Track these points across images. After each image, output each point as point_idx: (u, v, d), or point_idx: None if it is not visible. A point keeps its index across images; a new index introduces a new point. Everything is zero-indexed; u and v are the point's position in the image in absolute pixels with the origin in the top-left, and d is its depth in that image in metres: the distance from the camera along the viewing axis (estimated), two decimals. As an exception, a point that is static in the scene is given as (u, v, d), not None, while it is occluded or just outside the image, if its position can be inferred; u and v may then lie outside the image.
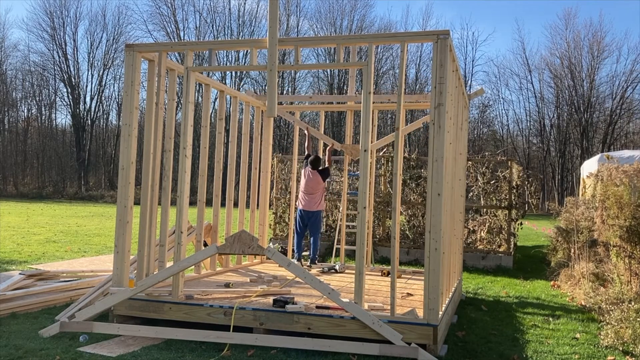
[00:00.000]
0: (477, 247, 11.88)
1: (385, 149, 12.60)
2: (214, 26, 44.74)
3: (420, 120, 8.72)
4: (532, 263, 12.06)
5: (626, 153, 12.91)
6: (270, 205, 11.47)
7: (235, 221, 9.54)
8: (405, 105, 8.36)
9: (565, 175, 43.38)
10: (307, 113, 37.94)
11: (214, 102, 33.23)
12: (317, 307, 5.68)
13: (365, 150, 5.47)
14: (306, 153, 9.30)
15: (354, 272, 5.57)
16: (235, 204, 8.98)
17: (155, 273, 6.07)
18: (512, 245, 11.75)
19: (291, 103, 32.42)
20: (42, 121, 47.35)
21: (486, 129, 46.69)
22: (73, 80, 45.50)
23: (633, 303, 6.46)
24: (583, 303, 7.69)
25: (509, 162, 12.16)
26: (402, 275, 8.53)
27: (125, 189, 6.09)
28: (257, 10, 44.91)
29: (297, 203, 9.31)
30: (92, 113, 46.14)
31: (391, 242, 5.60)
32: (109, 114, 47.76)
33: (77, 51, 46.35)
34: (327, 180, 9.33)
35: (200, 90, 31.41)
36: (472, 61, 50.75)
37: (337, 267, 8.72)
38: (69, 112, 45.92)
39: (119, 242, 6.05)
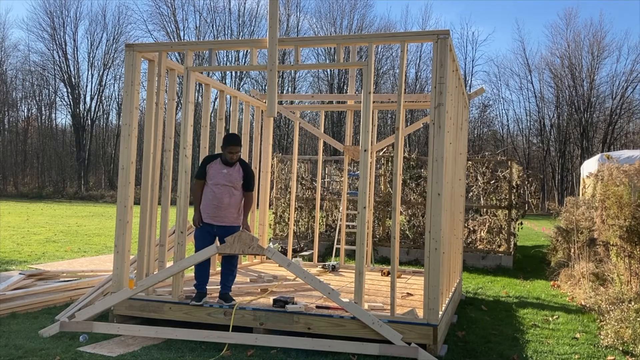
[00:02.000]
0: (477, 247, 11.88)
1: (385, 149, 12.61)
2: (214, 26, 44.77)
3: (420, 120, 8.72)
4: (532, 263, 12.06)
5: (626, 153, 12.89)
6: (270, 205, 11.47)
7: (235, 221, 9.53)
8: (405, 105, 8.36)
9: (565, 175, 43.38)
10: (307, 113, 37.95)
11: (214, 102, 33.24)
12: (317, 307, 5.69)
13: (365, 150, 5.47)
14: None
15: (353, 272, 5.57)
16: (235, 204, 8.96)
17: (155, 273, 6.07)
18: (512, 245, 11.75)
19: (291, 102, 32.43)
20: (42, 121, 47.38)
21: (486, 129, 46.72)
22: (73, 80, 45.51)
23: (633, 303, 6.46)
24: (583, 303, 7.69)
25: (509, 162, 12.16)
26: (402, 275, 8.53)
27: (125, 188, 6.09)
28: (257, 10, 44.95)
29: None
30: (92, 113, 46.16)
31: (391, 242, 5.60)
32: (109, 114, 47.85)
33: (77, 51, 46.40)
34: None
35: (200, 90, 31.41)
36: (472, 61, 50.95)
37: (335, 266, 8.86)
38: (69, 112, 45.96)
39: (119, 242, 6.05)
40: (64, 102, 46.64)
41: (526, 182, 13.33)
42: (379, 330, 5.19)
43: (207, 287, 5.99)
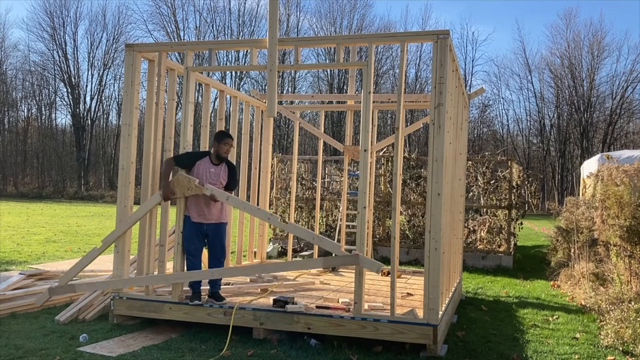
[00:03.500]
0: (477, 247, 11.88)
1: (385, 149, 12.61)
2: (214, 26, 44.75)
3: (420, 120, 8.72)
4: (532, 263, 12.06)
5: (626, 153, 12.90)
6: (270, 205, 11.47)
7: (235, 221, 9.53)
8: (405, 105, 8.36)
9: (565, 175, 43.37)
10: (307, 113, 37.95)
11: (214, 102, 33.21)
12: (317, 307, 5.69)
13: (365, 150, 5.47)
14: None
15: (353, 272, 5.57)
16: (235, 204, 8.97)
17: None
18: (512, 245, 11.75)
19: (291, 102, 32.43)
20: (42, 121, 47.39)
21: (486, 129, 46.71)
22: (73, 80, 45.50)
23: (633, 303, 6.46)
24: (583, 303, 7.69)
25: (509, 162, 12.16)
26: (402, 275, 8.53)
27: (125, 188, 6.09)
28: (257, 10, 44.92)
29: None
30: (92, 113, 46.15)
31: (391, 242, 5.60)
32: (109, 114, 47.84)
33: (77, 51, 46.37)
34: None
35: (200, 90, 31.41)
36: (472, 61, 50.96)
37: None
38: (69, 112, 45.94)
39: (119, 242, 6.05)
40: (64, 102, 46.67)
41: (526, 182, 13.33)
42: (319, 244, 5.66)
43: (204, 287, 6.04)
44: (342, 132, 39.65)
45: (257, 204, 9.45)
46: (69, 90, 45.50)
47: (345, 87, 40.82)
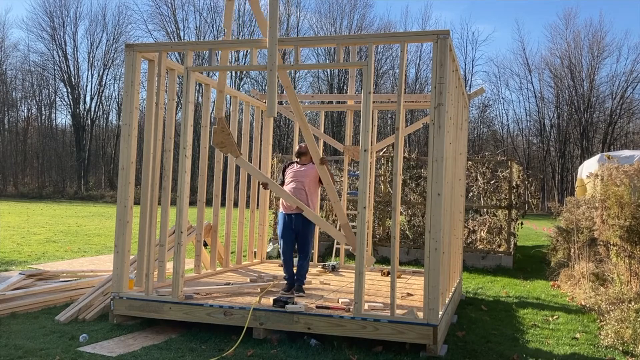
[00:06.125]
0: (477, 247, 11.88)
1: (385, 149, 12.61)
2: (214, 26, 44.79)
3: (420, 120, 8.72)
4: (532, 263, 12.06)
5: (626, 153, 12.90)
6: (270, 205, 11.47)
7: (235, 221, 9.54)
8: (405, 105, 8.35)
9: (565, 175, 43.41)
10: (307, 113, 37.96)
11: (214, 102, 33.20)
12: (317, 307, 5.69)
13: (365, 150, 5.47)
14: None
15: (353, 272, 5.56)
16: (235, 204, 8.98)
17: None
18: (512, 245, 11.75)
19: (291, 103, 32.40)
20: (42, 121, 47.43)
21: (486, 129, 46.74)
22: (73, 80, 45.54)
23: (633, 303, 6.46)
24: (583, 303, 7.69)
25: (509, 162, 12.16)
26: (402, 275, 8.53)
27: (125, 188, 6.09)
28: (257, 10, 44.89)
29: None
30: (92, 113, 46.20)
31: (391, 242, 5.59)
32: (109, 114, 47.92)
33: (77, 51, 46.45)
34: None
35: (200, 90, 31.42)
36: (472, 61, 50.95)
37: (335, 266, 8.86)
38: (69, 112, 46.01)
39: (119, 242, 6.05)
40: (64, 102, 46.74)
41: (526, 182, 13.34)
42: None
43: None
44: (342, 132, 39.65)
45: (257, 204, 9.45)
46: (69, 90, 45.56)
47: (345, 87, 40.84)
